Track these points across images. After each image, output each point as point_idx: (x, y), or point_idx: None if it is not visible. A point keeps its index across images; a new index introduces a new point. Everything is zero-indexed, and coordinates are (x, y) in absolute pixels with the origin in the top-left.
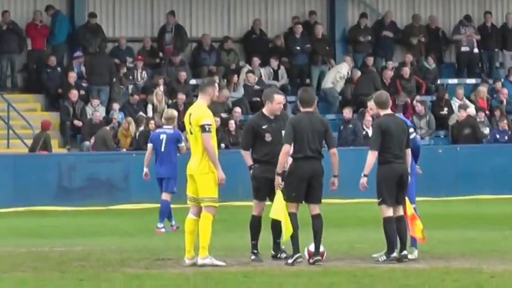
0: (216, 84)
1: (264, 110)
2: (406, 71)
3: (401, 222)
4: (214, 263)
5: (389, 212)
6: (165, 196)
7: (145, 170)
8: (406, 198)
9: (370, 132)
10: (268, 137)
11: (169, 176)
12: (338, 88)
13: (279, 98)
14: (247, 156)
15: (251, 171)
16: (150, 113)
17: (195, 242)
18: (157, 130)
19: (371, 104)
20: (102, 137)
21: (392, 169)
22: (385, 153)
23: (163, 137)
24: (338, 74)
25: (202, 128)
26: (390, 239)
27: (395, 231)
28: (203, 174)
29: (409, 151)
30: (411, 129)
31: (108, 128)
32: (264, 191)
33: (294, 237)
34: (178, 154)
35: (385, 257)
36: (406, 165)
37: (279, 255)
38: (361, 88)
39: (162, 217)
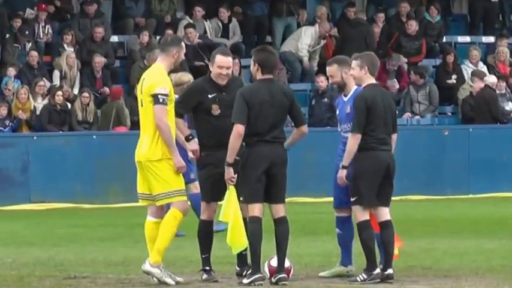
0: (183, 44)
1: (211, 75)
2: (412, 25)
3: (388, 229)
4: (163, 279)
5: (365, 215)
6: (194, 188)
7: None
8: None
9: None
10: (216, 110)
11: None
12: (304, 57)
13: (223, 61)
14: (181, 125)
15: (189, 143)
16: (56, 82)
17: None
18: None
19: (334, 69)
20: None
21: (377, 158)
22: (368, 137)
23: None
24: (300, 45)
25: (155, 98)
26: (370, 249)
27: (374, 240)
28: (155, 161)
29: (395, 137)
30: None
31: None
32: (214, 189)
33: (255, 251)
34: None
35: (365, 276)
36: (392, 153)
37: (245, 273)
38: (347, 48)
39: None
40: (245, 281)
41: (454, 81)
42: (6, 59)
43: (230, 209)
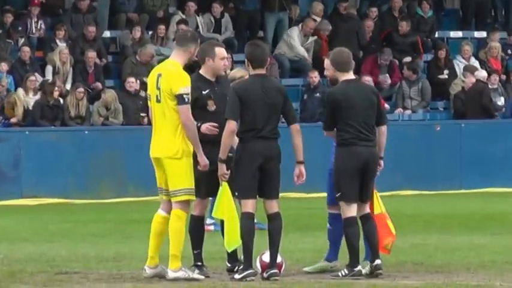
0: (199, 42)
1: (202, 71)
2: (403, 26)
3: (369, 223)
4: (191, 276)
5: (350, 211)
6: None
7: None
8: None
9: None
10: (211, 106)
11: None
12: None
13: (222, 52)
14: None
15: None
16: (49, 76)
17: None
18: None
19: (328, 63)
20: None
21: (354, 154)
22: (345, 133)
23: None
24: (296, 48)
25: (180, 99)
26: (353, 246)
27: (358, 237)
28: (175, 159)
29: (384, 129)
30: None
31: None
32: (206, 185)
33: (247, 247)
34: None
35: (346, 271)
36: (375, 148)
37: (237, 269)
38: (338, 44)
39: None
40: (237, 276)
41: (446, 76)
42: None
43: (223, 206)
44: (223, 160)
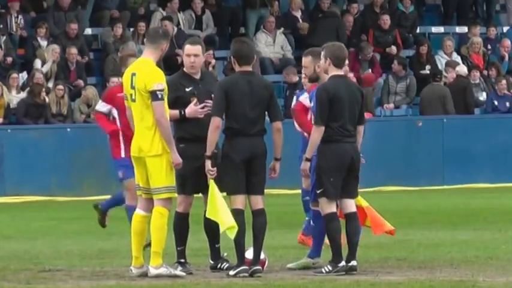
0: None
1: (185, 68)
2: (385, 19)
3: (353, 222)
4: (173, 272)
5: (331, 207)
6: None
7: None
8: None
9: None
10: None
11: None
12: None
13: (188, 49)
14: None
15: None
16: (37, 66)
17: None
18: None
19: (308, 60)
20: None
21: (340, 150)
22: (331, 130)
23: None
24: (258, 53)
25: (154, 95)
26: (336, 242)
27: (340, 232)
28: (156, 156)
29: (361, 129)
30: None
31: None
32: (192, 182)
33: (239, 243)
34: None
35: (330, 267)
36: (357, 145)
37: (220, 266)
38: (317, 40)
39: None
40: (231, 272)
41: (428, 72)
42: None
43: (215, 204)
44: (209, 157)
